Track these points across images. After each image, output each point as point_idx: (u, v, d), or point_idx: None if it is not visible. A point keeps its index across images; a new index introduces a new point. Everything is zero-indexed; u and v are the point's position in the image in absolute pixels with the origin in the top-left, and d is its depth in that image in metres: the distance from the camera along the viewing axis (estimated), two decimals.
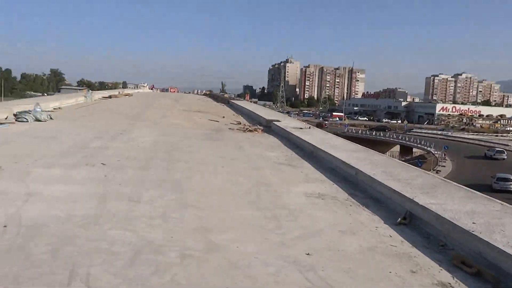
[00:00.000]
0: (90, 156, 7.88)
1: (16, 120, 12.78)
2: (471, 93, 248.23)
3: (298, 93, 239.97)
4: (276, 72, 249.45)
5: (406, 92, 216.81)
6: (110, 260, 3.59)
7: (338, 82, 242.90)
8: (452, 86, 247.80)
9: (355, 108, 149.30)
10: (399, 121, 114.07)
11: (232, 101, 29.22)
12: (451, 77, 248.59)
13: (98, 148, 8.75)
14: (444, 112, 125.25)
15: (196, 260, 3.72)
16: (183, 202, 5.45)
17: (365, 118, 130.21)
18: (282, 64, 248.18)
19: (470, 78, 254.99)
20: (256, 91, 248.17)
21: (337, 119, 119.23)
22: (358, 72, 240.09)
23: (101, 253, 3.73)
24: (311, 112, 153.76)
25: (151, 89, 71.89)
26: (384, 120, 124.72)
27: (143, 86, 72.75)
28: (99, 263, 3.52)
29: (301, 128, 13.07)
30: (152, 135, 11.17)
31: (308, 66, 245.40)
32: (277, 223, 4.93)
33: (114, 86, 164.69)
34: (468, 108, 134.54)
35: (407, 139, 75.28)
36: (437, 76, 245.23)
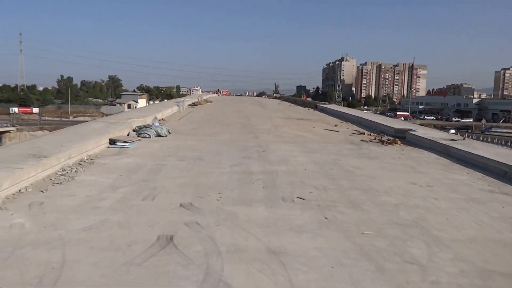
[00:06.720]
0: (271, 186, 6.75)
1: (138, 136, 12.15)
2: None
3: (354, 92, 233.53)
4: (331, 71, 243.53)
5: (473, 87, 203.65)
6: None
7: (397, 79, 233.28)
8: None
9: (420, 106, 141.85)
10: (471, 120, 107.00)
11: (320, 105, 27.81)
12: None
13: (266, 174, 7.63)
14: None
15: None
16: (466, 262, 4.10)
17: (432, 117, 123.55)
18: (337, 62, 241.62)
19: None
20: (310, 91, 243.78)
21: (403, 119, 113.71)
22: (420, 68, 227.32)
23: None
24: (370, 112, 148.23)
25: (216, 93, 71.89)
26: (454, 119, 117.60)
27: (196, 90, 72.64)
28: None
29: (453, 140, 11.39)
30: (299, 153, 9.96)
31: (365, 64, 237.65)
32: None
33: (169, 90, 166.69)
34: None
35: (489, 140, 69.56)
36: (508, 69, 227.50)
